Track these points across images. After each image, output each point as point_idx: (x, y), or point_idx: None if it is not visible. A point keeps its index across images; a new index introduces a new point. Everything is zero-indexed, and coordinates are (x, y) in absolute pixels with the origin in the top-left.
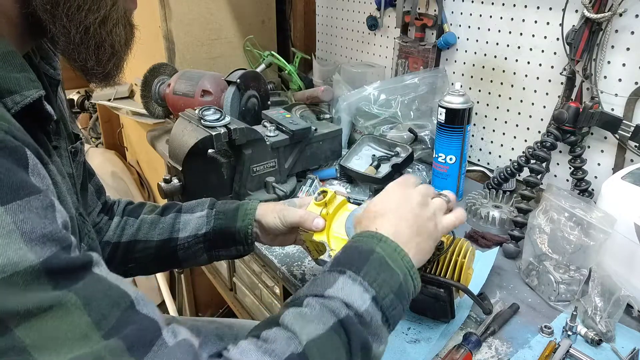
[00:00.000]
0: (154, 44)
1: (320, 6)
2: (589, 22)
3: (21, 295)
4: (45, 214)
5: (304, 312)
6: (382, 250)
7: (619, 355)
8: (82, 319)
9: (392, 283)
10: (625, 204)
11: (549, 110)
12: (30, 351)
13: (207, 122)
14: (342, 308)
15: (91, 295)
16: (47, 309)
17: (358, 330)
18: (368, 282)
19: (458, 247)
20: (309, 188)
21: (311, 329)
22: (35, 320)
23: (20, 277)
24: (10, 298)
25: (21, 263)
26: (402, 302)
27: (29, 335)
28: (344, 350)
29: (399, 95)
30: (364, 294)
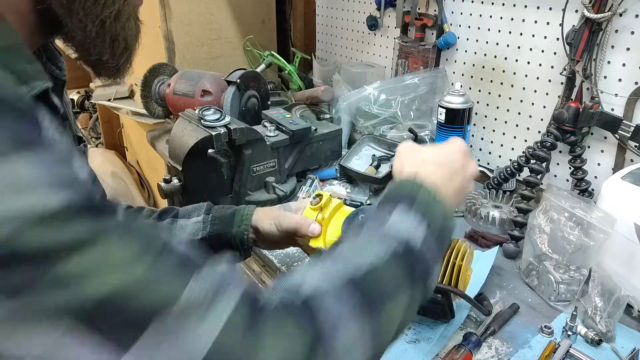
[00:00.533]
0: (154, 44)
1: (320, 6)
2: (589, 22)
3: (61, 230)
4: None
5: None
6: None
7: (619, 355)
8: (124, 250)
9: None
10: (625, 204)
11: (549, 110)
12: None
13: (207, 122)
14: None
15: (125, 232)
16: (87, 241)
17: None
18: (420, 215)
19: (455, 249)
20: (309, 188)
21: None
22: (77, 253)
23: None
24: (50, 234)
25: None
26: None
27: (73, 268)
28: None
29: (399, 95)
30: (419, 225)
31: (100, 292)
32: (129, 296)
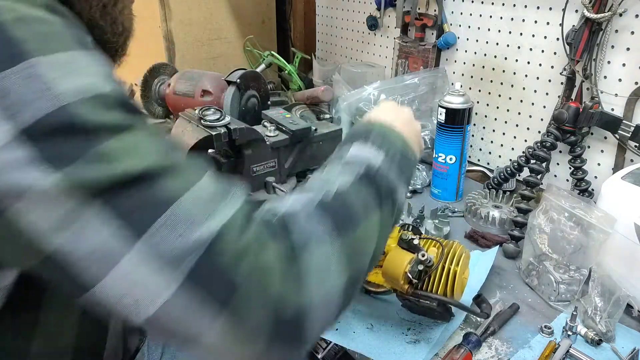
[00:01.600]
0: (154, 44)
1: (320, 6)
2: (589, 22)
3: (108, 113)
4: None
5: (328, 169)
6: (379, 126)
7: (619, 355)
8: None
9: (396, 147)
10: (625, 204)
11: (549, 110)
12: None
13: (207, 122)
14: (362, 163)
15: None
16: (128, 127)
17: (381, 178)
18: (377, 145)
19: (450, 254)
20: None
21: (340, 177)
22: (120, 134)
23: (105, 98)
24: (100, 114)
25: (106, 87)
26: (410, 163)
27: (117, 145)
28: (374, 195)
29: (399, 95)
30: (377, 152)
31: (134, 170)
32: (155, 177)
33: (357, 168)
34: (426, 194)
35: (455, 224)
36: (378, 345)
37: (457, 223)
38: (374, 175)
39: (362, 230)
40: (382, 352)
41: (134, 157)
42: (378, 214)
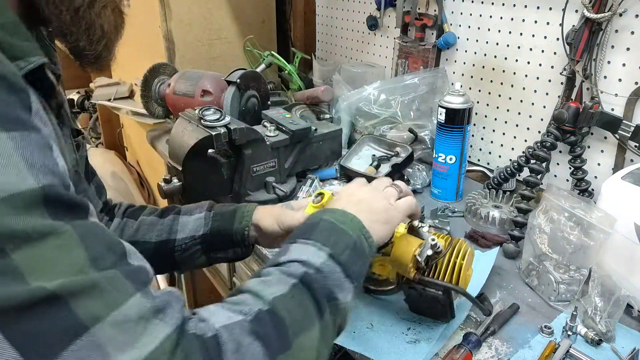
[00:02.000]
0: (154, 44)
1: (320, 6)
2: (589, 22)
3: (20, 219)
4: (44, 151)
5: (264, 279)
6: (330, 216)
7: (619, 355)
8: (79, 252)
9: (346, 241)
10: (625, 204)
11: (549, 110)
12: (24, 275)
13: (207, 122)
14: (299, 267)
15: (88, 234)
16: (45, 235)
17: (319, 283)
18: (320, 243)
19: (457, 248)
20: (309, 188)
21: (274, 289)
22: (32, 245)
23: (19, 200)
24: (9, 220)
25: (22, 185)
26: (362, 259)
27: (24, 259)
28: (311, 304)
29: (399, 95)
30: (319, 252)
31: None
32: (72, 296)
33: (294, 276)
34: (426, 194)
35: (455, 224)
36: (378, 345)
37: (457, 223)
38: (311, 282)
39: (299, 346)
40: (382, 352)
41: (46, 273)
42: (317, 324)
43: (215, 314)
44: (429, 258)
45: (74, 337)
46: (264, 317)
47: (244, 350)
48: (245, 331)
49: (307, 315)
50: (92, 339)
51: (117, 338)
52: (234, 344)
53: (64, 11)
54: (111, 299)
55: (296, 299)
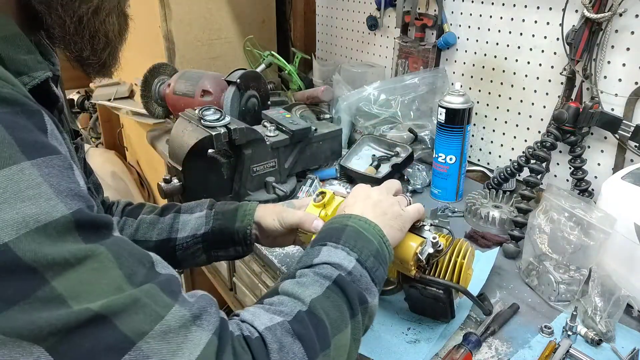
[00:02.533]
0: (154, 44)
1: (320, 6)
2: (589, 22)
3: (56, 246)
4: (68, 173)
5: (299, 280)
6: (354, 223)
7: (619, 355)
8: (115, 271)
9: (370, 248)
10: (625, 204)
11: (549, 110)
12: (67, 300)
13: (207, 122)
14: (332, 271)
15: (119, 251)
16: (81, 259)
17: (352, 286)
18: (349, 248)
19: (457, 248)
20: (309, 188)
21: (311, 291)
22: (71, 271)
23: (53, 228)
24: (46, 248)
25: (54, 213)
26: (382, 265)
27: (66, 285)
28: (345, 306)
29: (399, 95)
30: (348, 256)
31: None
32: (116, 315)
33: (328, 278)
34: (426, 194)
35: (455, 224)
36: (378, 345)
37: (457, 223)
38: (345, 284)
39: (335, 346)
40: (382, 352)
41: (88, 296)
42: (349, 325)
43: (257, 316)
44: (430, 256)
45: (122, 353)
46: (303, 317)
47: (287, 349)
48: (287, 332)
49: (342, 316)
50: (139, 352)
51: (162, 350)
52: (278, 344)
53: (67, 21)
54: (153, 312)
55: (332, 300)
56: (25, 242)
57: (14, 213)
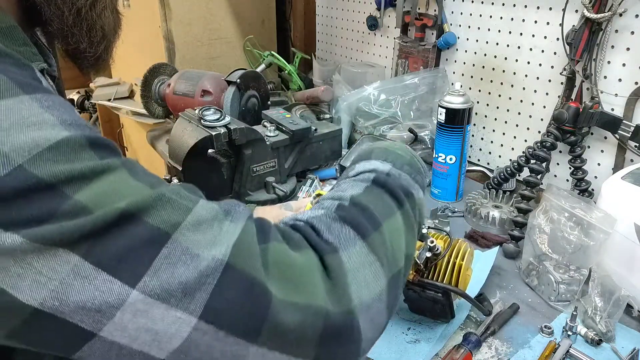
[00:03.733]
0: (154, 44)
1: (320, 6)
2: (589, 22)
3: (72, 162)
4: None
5: (337, 188)
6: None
7: (619, 355)
8: (136, 182)
9: (402, 160)
10: (625, 204)
11: (549, 110)
12: (92, 209)
13: (207, 122)
14: (369, 175)
15: (134, 169)
16: (100, 172)
17: (392, 182)
18: (382, 159)
19: (456, 249)
20: (309, 188)
21: (350, 192)
22: (92, 183)
23: (66, 145)
24: (63, 165)
25: (62, 134)
26: (420, 174)
27: (88, 197)
28: (389, 198)
29: (399, 95)
30: (383, 163)
31: (118, 209)
32: (144, 210)
33: (366, 178)
34: (426, 194)
35: (455, 224)
36: (378, 345)
37: (457, 223)
38: (385, 180)
39: (387, 227)
40: (382, 352)
41: (112, 202)
42: (399, 212)
43: (299, 215)
44: (428, 260)
45: (159, 246)
46: (347, 206)
47: (337, 231)
48: (332, 219)
49: (387, 205)
50: (176, 244)
51: (200, 239)
52: (326, 227)
53: (65, 12)
54: (181, 205)
55: (374, 194)
56: (40, 161)
57: (23, 136)
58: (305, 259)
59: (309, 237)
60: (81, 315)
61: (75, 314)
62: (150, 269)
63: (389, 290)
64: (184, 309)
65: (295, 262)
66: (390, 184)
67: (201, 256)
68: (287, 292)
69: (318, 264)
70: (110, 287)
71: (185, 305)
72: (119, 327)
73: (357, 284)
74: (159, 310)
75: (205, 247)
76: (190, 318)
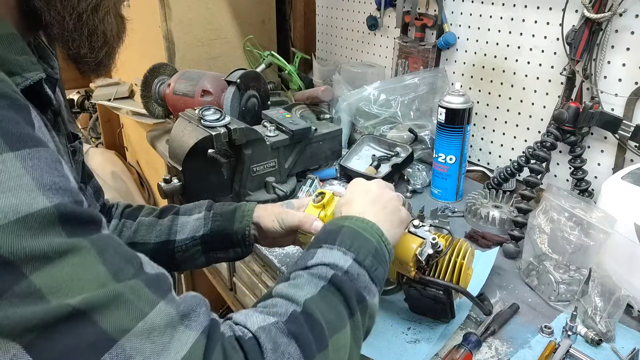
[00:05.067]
0: (154, 44)
1: (320, 6)
2: (589, 22)
3: (36, 239)
4: (55, 166)
5: (293, 282)
6: (351, 223)
7: (619, 355)
8: (99, 267)
9: (368, 247)
10: (625, 204)
11: (549, 110)
12: (46, 295)
13: (207, 122)
14: (328, 271)
15: (105, 248)
16: (63, 253)
17: (349, 285)
18: (345, 248)
19: (457, 248)
20: (309, 188)
21: (305, 291)
22: (51, 265)
23: (34, 220)
24: (25, 241)
25: (34, 205)
26: (382, 265)
27: (44, 280)
28: (342, 306)
29: (399, 95)
30: (344, 256)
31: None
32: (96, 310)
33: (323, 278)
34: (426, 194)
35: (455, 224)
36: (378, 345)
37: (457, 223)
38: (341, 283)
39: (334, 345)
40: (382, 352)
41: (68, 291)
42: (348, 324)
43: (250, 317)
44: (430, 257)
45: (103, 351)
46: (298, 317)
47: (282, 350)
48: (281, 332)
49: (339, 315)
50: (121, 351)
51: (146, 348)
52: (272, 344)
53: (66, 17)
54: (136, 309)
55: (328, 300)
56: (3, 234)
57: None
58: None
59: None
60: None
61: None
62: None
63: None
64: None
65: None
66: (345, 289)
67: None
68: None
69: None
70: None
71: None
72: None
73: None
74: None
75: (150, 357)
76: None
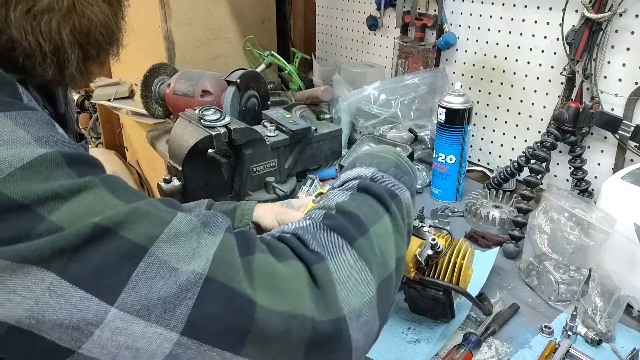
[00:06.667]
0: (154, 44)
1: (320, 6)
2: (589, 22)
3: (47, 182)
4: (49, 127)
5: (323, 199)
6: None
7: (619, 355)
8: (114, 200)
9: (387, 162)
10: (625, 204)
11: (549, 110)
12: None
13: (207, 122)
14: (353, 181)
15: (116, 185)
16: (76, 192)
17: (376, 186)
18: (365, 165)
19: (457, 248)
20: (309, 188)
21: (335, 200)
22: (67, 204)
23: (40, 165)
24: (36, 185)
25: (37, 151)
26: (407, 174)
27: (63, 217)
28: (374, 202)
29: (399, 95)
30: (366, 169)
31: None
32: (120, 225)
33: (351, 186)
34: (426, 194)
35: (455, 224)
36: (378, 345)
37: (457, 223)
38: (368, 185)
39: (375, 232)
40: (382, 352)
41: (88, 218)
42: (386, 215)
43: (285, 227)
44: (429, 258)
45: (137, 261)
46: (334, 214)
47: (324, 240)
48: (319, 228)
49: (374, 210)
50: (154, 258)
51: (178, 252)
52: (313, 237)
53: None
54: (158, 218)
55: (359, 200)
56: (12, 180)
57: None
58: (291, 269)
59: (295, 248)
60: (59, 333)
61: (53, 332)
62: (127, 285)
63: (379, 296)
64: (165, 324)
65: (280, 273)
66: (375, 188)
67: (180, 270)
68: (272, 302)
69: (305, 273)
70: (88, 304)
71: (166, 321)
72: (97, 345)
73: (346, 292)
74: (138, 327)
75: (183, 261)
76: (171, 334)
